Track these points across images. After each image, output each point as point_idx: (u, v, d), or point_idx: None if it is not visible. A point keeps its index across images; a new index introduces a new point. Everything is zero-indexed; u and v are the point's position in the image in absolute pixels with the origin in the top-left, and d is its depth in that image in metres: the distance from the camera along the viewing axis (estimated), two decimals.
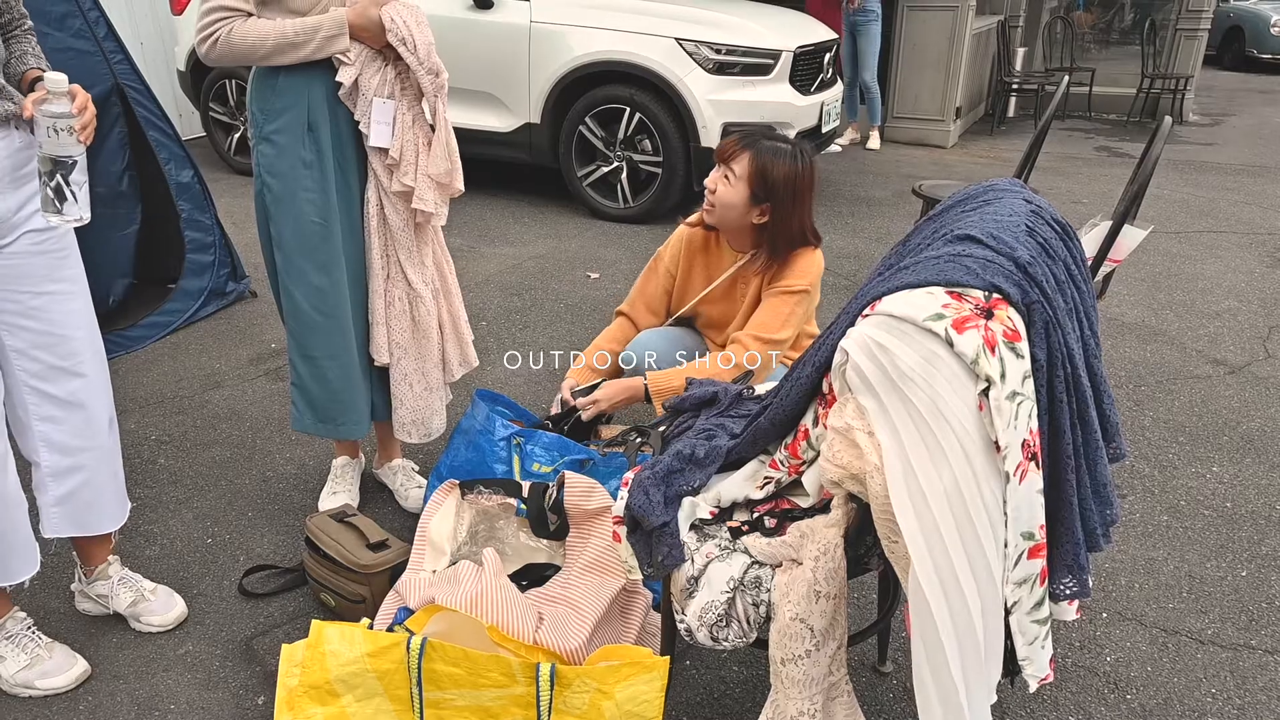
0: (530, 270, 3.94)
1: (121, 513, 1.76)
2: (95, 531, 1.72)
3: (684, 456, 1.40)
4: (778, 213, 1.99)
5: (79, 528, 1.70)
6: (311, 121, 1.83)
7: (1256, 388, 2.97)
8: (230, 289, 3.44)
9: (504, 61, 4.60)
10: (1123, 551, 2.13)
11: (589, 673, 1.38)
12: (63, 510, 1.67)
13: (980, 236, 1.11)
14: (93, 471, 1.66)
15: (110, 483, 1.71)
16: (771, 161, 1.96)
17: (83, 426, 1.63)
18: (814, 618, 1.22)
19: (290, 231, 1.88)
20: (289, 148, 1.83)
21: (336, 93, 1.82)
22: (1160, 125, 1.87)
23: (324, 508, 2.21)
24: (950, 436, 1.04)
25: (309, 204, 1.86)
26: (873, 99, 6.44)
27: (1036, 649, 1.16)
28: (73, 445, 1.63)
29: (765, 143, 1.98)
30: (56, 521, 1.68)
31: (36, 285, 1.53)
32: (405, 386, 2.06)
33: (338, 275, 1.92)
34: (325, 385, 1.98)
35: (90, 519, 1.70)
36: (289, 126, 1.82)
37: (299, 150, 1.84)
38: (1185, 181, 5.80)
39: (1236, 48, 12.08)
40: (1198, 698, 1.70)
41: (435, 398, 2.11)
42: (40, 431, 1.60)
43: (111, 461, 1.70)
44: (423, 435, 2.11)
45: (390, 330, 2.01)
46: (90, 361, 1.62)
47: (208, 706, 1.64)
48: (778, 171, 1.96)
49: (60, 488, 1.65)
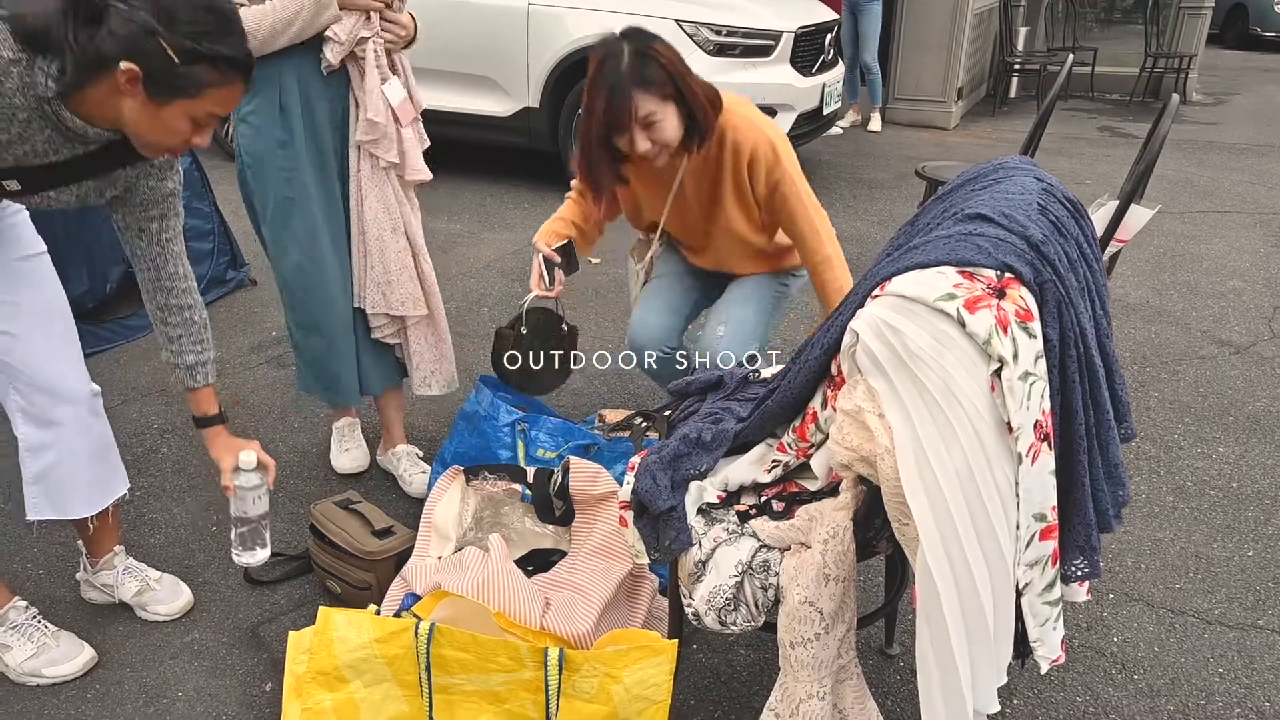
0: (530, 256, 3.92)
1: (103, 496, 1.71)
2: (70, 515, 1.67)
3: (690, 440, 1.39)
4: (688, 95, 1.77)
5: (56, 509, 1.66)
6: (284, 103, 1.89)
7: (1262, 368, 2.96)
8: (230, 277, 3.43)
9: (502, 45, 4.55)
10: (1129, 532, 2.12)
11: (598, 657, 1.38)
12: (40, 489, 1.64)
13: (992, 215, 1.10)
14: (67, 449, 1.62)
15: (89, 464, 1.66)
16: (649, 65, 1.70)
17: (49, 398, 1.59)
18: (823, 601, 1.22)
19: (271, 209, 1.96)
20: (264, 129, 1.91)
21: (306, 74, 1.87)
22: (1168, 103, 1.85)
23: (337, 465, 2.31)
24: (962, 417, 1.03)
25: (284, 182, 1.94)
26: (874, 80, 6.39)
27: (1048, 630, 1.16)
28: (42, 417, 1.59)
29: (619, 69, 1.69)
30: (36, 501, 1.65)
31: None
32: (421, 342, 2.15)
33: (316, 252, 1.99)
34: (313, 354, 2.09)
35: (66, 500, 1.66)
36: (262, 108, 1.89)
37: (274, 131, 1.91)
38: (1189, 161, 5.77)
39: (1240, 26, 11.98)
40: (1205, 677, 1.70)
41: (448, 346, 2.21)
42: (14, 400, 1.58)
43: (90, 440, 1.65)
44: (445, 385, 2.20)
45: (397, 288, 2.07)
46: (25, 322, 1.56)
47: (215, 694, 1.64)
48: (662, 66, 1.72)
49: (36, 464, 1.62)
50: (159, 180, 1.50)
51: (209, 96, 1.26)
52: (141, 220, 1.52)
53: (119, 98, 1.23)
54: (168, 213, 1.54)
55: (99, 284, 2.95)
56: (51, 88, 1.23)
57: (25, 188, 1.37)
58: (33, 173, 1.36)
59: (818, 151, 5.90)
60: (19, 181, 1.36)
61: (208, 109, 1.27)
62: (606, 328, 3.19)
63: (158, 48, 1.19)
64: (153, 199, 1.51)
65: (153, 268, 1.56)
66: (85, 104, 1.26)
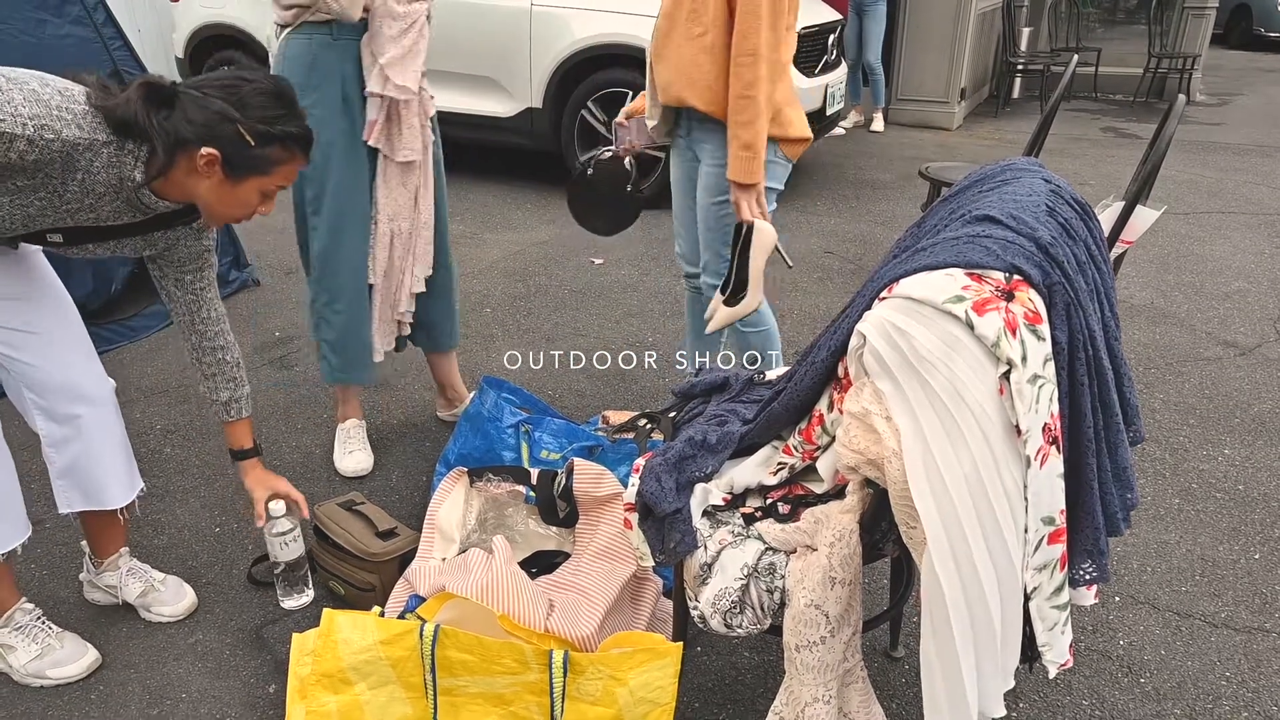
0: (533, 256, 3.92)
1: (131, 486, 1.72)
2: (105, 505, 1.69)
3: (696, 442, 1.39)
4: None
5: (89, 500, 1.67)
6: (346, 94, 2.00)
7: (1267, 369, 2.95)
8: (233, 277, 3.42)
9: (505, 45, 4.55)
10: (1135, 535, 2.11)
11: (603, 659, 1.37)
12: (69, 483, 1.65)
13: (1000, 217, 1.09)
14: (93, 439, 1.64)
15: (118, 451, 1.68)
16: None
17: (65, 390, 1.59)
18: (829, 604, 1.21)
19: (330, 197, 2.06)
20: (329, 119, 1.99)
21: (356, 64, 1.99)
22: (1174, 104, 1.84)
23: (341, 467, 2.31)
24: (970, 420, 1.02)
25: (348, 168, 2.04)
26: (876, 81, 6.38)
27: (1056, 634, 1.15)
28: (61, 412, 1.60)
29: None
30: (67, 494, 1.66)
31: None
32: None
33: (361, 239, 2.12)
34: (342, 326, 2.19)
35: (98, 490, 1.67)
36: (324, 100, 1.98)
37: (339, 121, 2.01)
38: (1193, 162, 5.76)
39: (1244, 26, 11.96)
40: (1211, 681, 1.69)
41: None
42: (30, 398, 1.59)
43: (114, 429, 1.67)
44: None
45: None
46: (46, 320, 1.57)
47: (219, 695, 1.64)
48: None
49: (62, 457, 1.63)
50: (196, 240, 1.58)
51: (278, 172, 1.42)
52: (178, 273, 1.61)
53: (197, 178, 1.37)
54: (204, 266, 1.62)
55: (103, 285, 2.95)
56: (140, 169, 1.34)
57: (67, 241, 1.45)
58: (81, 232, 1.44)
59: (820, 152, 5.89)
60: (63, 236, 1.43)
61: (277, 183, 1.43)
62: (608, 328, 3.19)
63: (234, 133, 1.34)
64: (189, 255, 1.59)
65: (187, 314, 1.64)
66: (165, 185, 1.38)
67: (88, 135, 1.27)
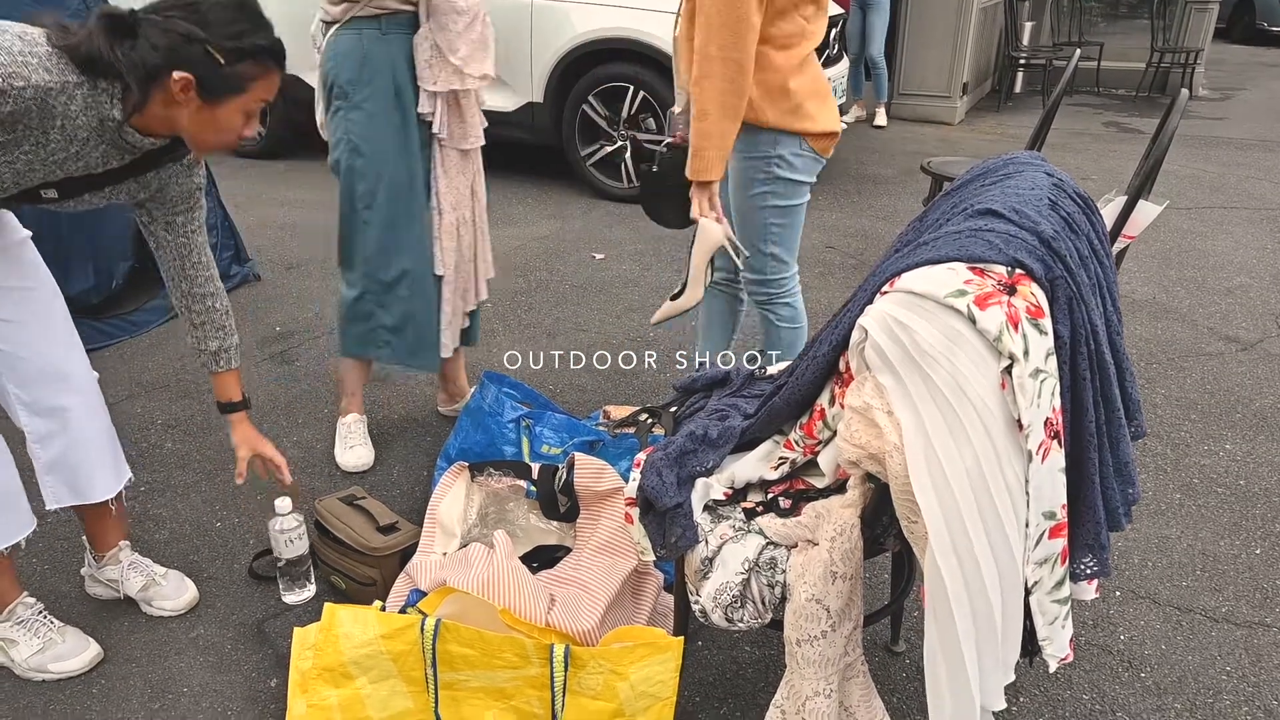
0: (534, 251, 3.92)
1: (118, 476, 1.71)
2: (92, 498, 1.68)
3: (697, 437, 1.38)
4: None
5: (76, 494, 1.67)
6: (398, 85, 2.00)
7: (1269, 364, 2.94)
8: (234, 272, 3.42)
9: (506, 39, 4.53)
10: (1136, 530, 2.11)
11: (604, 654, 1.37)
12: (55, 478, 1.65)
13: (1002, 211, 1.09)
14: (77, 434, 1.63)
15: (104, 445, 1.67)
16: None
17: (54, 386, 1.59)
18: (830, 598, 1.21)
19: (384, 193, 2.05)
20: (381, 114, 2.00)
21: (407, 56, 1.99)
22: (1177, 98, 1.84)
23: (342, 462, 2.30)
24: (972, 415, 1.02)
25: (401, 161, 2.04)
26: (879, 75, 6.36)
27: (1056, 629, 1.15)
28: (45, 405, 1.59)
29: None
30: (54, 489, 1.65)
31: None
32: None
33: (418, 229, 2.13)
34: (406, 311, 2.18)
35: (85, 484, 1.67)
36: (377, 94, 1.98)
37: (392, 115, 2.01)
38: (1195, 156, 5.74)
39: (1247, 21, 11.91)
40: (1212, 675, 1.69)
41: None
42: (14, 393, 1.58)
43: (99, 422, 1.66)
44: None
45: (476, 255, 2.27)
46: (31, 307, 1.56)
47: (220, 689, 1.64)
48: None
49: (47, 453, 1.63)
50: (187, 177, 1.54)
51: (255, 88, 1.35)
52: (168, 215, 1.57)
53: (175, 108, 1.31)
54: (194, 206, 1.58)
55: (104, 279, 2.95)
56: (118, 107, 1.30)
57: (61, 195, 1.42)
58: (73, 183, 1.40)
59: None
60: (57, 190, 1.40)
61: (257, 98, 1.36)
62: (609, 323, 3.19)
63: (203, 53, 1.27)
64: (180, 195, 1.55)
65: (177, 258, 1.60)
66: (145, 119, 1.33)
67: (57, 78, 1.23)
